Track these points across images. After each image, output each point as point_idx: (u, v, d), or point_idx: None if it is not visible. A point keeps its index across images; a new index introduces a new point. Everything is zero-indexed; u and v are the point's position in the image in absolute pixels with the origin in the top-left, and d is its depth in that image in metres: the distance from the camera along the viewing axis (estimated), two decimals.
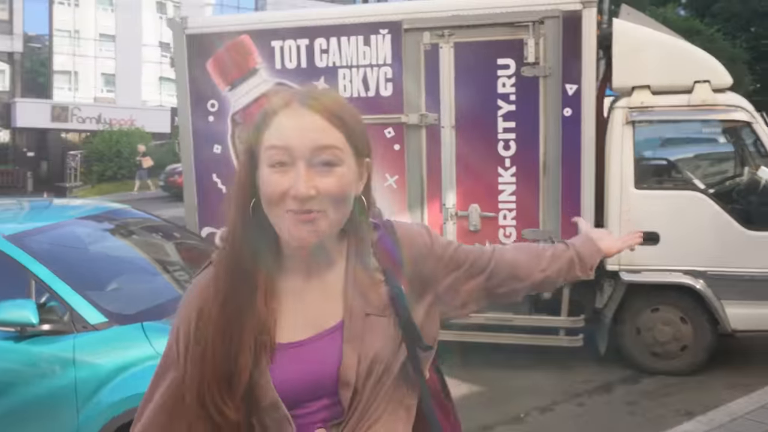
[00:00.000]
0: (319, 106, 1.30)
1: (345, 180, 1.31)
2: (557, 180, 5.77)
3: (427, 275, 1.48)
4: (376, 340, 1.36)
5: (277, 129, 1.29)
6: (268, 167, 1.29)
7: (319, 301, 1.39)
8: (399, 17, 5.94)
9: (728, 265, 5.78)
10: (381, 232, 1.46)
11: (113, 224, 5.03)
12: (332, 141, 1.29)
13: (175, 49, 6.53)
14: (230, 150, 6.48)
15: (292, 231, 1.28)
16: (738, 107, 5.71)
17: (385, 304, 1.39)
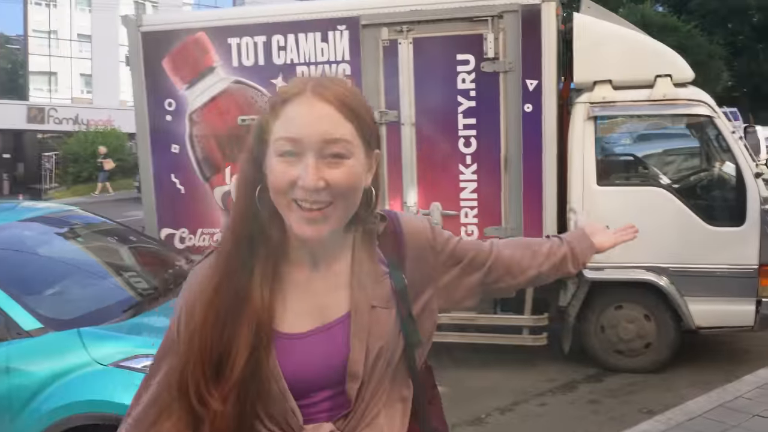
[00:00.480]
0: (331, 96, 1.27)
1: (354, 172, 1.28)
2: (519, 177, 5.69)
3: (428, 270, 1.47)
4: (381, 333, 1.36)
5: (287, 119, 1.27)
6: (277, 156, 1.27)
7: (324, 292, 1.37)
8: (357, 13, 5.83)
9: (691, 261, 5.72)
10: (387, 224, 1.45)
11: (59, 227, 4.90)
12: (343, 133, 1.27)
13: (130, 47, 6.39)
14: (188, 150, 6.36)
15: (298, 227, 1.27)
16: (700, 102, 5.65)
17: (389, 297, 1.39)
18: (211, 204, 6.36)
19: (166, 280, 4.61)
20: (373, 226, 1.43)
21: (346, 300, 1.37)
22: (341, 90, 1.29)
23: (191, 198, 6.41)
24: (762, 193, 5.57)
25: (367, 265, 1.39)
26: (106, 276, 4.58)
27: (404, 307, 1.40)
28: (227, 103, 6.20)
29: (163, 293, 4.31)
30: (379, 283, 1.39)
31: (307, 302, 1.36)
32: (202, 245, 6.44)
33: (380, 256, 1.41)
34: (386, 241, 1.43)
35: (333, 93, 1.28)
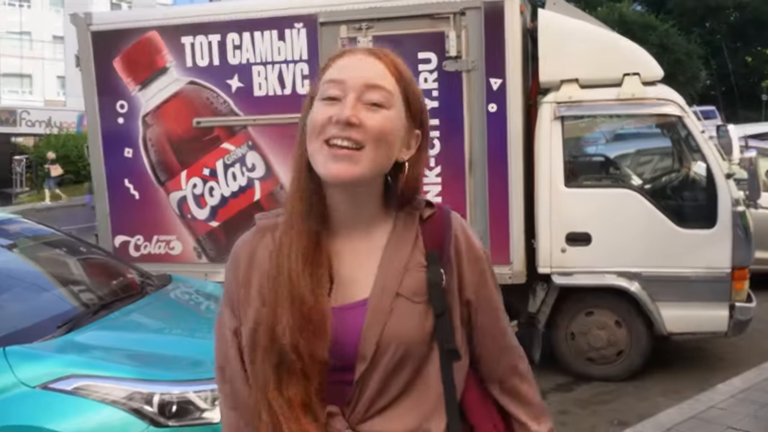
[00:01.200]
0: (381, 54, 1.34)
1: (390, 123, 1.29)
2: (484, 179, 5.49)
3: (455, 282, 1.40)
4: (402, 322, 1.33)
5: (336, 67, 1.32)
6: (320, 100, 1.30)
7: (356, 270, 1.36)
8: (314, 10, 5.60)
9: (663, 265, 5.54)
10: (434, 213, 1.41)
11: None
12: (385, 83, 1.30)
13: (79, 46, 6.12)
14: (142, 153, 6.10)
15: (327, 164, 1.26)
16: (669, 101, 5.48)
17: (422, 291, 1.34)
18: (167, 210, 6.11)
19: (111, 293, 4.37)
20: (417, 210, 1.40)
21: (371, 283, 1.35)
22: (395, 56, 1.36)
23: (146, 204, 6.15)
24: (733, 195, 5.40)
25: (403, 250, 1.36)
26: (43, 290, 4.31)
27: (437, 305, 1.35)
28: (182, 105, 5.95)
29: (107, 306, 4.07)
30: (413, 273, 1.35)
31: (339, 276, 1.35)
32: (157, 252, 6.19)
33: (421, 246, 1.38)
34: (431, 231, 1.39)
35: (384, 53, 1.35)
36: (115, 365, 3.34)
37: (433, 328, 1.35)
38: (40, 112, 32.94)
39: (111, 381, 3.21)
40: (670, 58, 26.73)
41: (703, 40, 34.00)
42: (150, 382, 3.23)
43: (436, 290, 1.35)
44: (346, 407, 1.34)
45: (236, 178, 5.87)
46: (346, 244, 1.38)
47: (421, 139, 1.39)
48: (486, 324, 1.44)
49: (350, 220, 1.37)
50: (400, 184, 1.37)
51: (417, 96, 1.37)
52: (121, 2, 40.11)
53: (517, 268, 5.51)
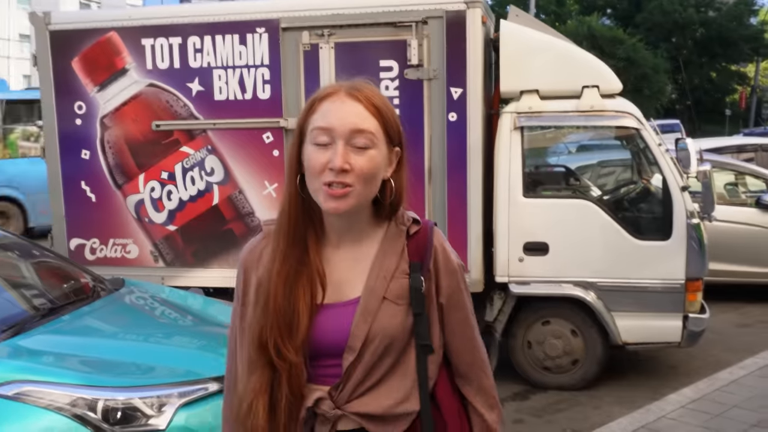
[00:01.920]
0: (361, 96, 1.53)
1: (375, 162, 1.52)
2: (443, 188, 5.50)
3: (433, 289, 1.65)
4: (387, 322, 1.56)
5: (322, 113, 1.52)
6: (312, 145, 1.52)
7: (346, 272, 1.61)
8: (276, 15, 5.58)
9: (618, 276, 5.60)
10: (419, 229, 1.66)
11: None
12: (368, 126, 1.52)
13: (37, 46, 6.02)
14: (99, 155, 6.02)
15: (327, 202, 1.50)
16: (626, 113, 5.54)
17: (404, 295, 1.59)
18: (124, 213, 6.03)
19: (62, 296, 4.30)
20: (404, 226, 1.65)
21: (362, 285, 1.59)
22: (370, 92, 1.56)
23: (102, 207, 6.07)
24: (688, 207, 5.48)
25: (390, 259, 1.60)
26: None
27: (417, 306, 1.59)
28: (141, 108, 5.88)
29: (57, 309, 4.00)
30: (397, 279, 1.59)
31: (330, 277, 1.59)
32: (114, 256, 6.11)
33: (406, 255, 1.61)
34: (415, 244, 1.63)
35: (362, 94, 1.54)
36: (60, 370, 3.29)
37: (413, 326, 1.60)
38: None
39: (54, 387, 3.15)
40: (637, 71, 27.17)
41: (669, 55, 34.62)
42: (95, 388, 3.18)
43: (417, 294, 1.60)
44: (334, 391, 1.58)
45: (195, 182, 5.82)
46: (338, 250, 1.63)
47: (400, 154, 1.62)
48: (457, 325, 1.68)
49: (343, 232, 1.62)
50: (386, 198, 1.61)
51: (394, 121, 1.59)
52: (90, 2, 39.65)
53: (474, 276, 5.54)
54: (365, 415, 1.59)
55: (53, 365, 3.34)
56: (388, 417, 1.60)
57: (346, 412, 1.58)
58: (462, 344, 1.70)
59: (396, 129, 1.59)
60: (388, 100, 1.60)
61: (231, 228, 5.78)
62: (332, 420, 1.59)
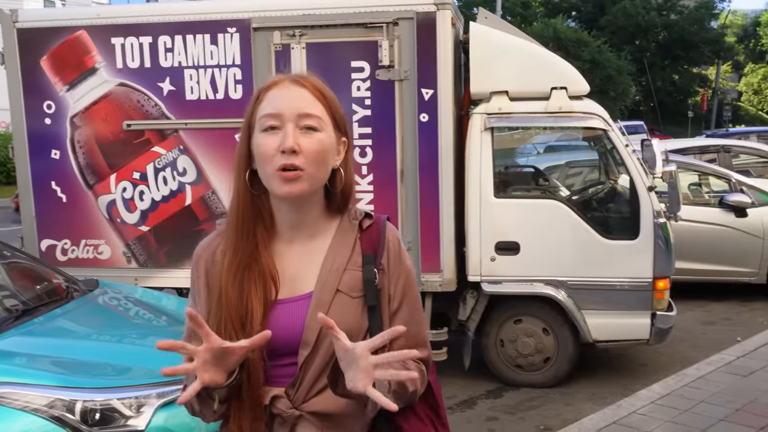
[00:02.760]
0: (306, 82, 1.56)
1: (325, 144, 1.53)
2: (415, 188, 5.55)
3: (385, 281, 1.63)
4: (341, 314, 1.53)
5: (269, 100, 1.54)
6: (262, 132, 1.53)
7: (298, 268, 1.60)
8: (247, 15, 5.57)
9: (588, 274, 5.70)
10: (372, 222, 1.66)
11: None
12: (315, 110, 1.53)
13: (5, 44, 5.94)
14: (70, 155, 5.96)
15: (281, 186, 1.50)
16: (594, 115, 5.64)
17: (358, 287, 1.58)
18: (95, 213, 5.98)
19: (35, 297, 4.26)
20: (356, 220, 1.64)
21: (315, 279, 1.58)
22: (314, 80, 1.58)
23: (73, 207, 6.01)
24: (655, 207, 5.59)
25: (343, 252, 1.60)
26: None
27: (369, 298, 1.58)
28: (112, 107, 5.83)
29: (30, 311, 3.96)
30: (351, 272, 1.59)
31: (284, 273, 1.59)
32: (86, 257, 6.05)
33: (358, 248, 1.61)
34: (368, 237, 1.63)
35: (307, 81, 1.56)
36: (37, 372, 3.27)
37: (367, 319, 1.58)
38: None
39: (31, 388, 3.13)
40: (602, 73, 27.53)
41: (633, 57, 35.09)
42: (72, 389, 3.16)
43: (370, 286, 1.59)
44: (291, 389, 1.56)
45: (167, 182, 5.79)
46: (292, 245, 1.62)
47: (347, 144, 1.64)
48: (406, 317, 1.64)
49: (296, 225, 1.61)
50: (336, 188, 1.61)
51: (340, 110, 1.61)
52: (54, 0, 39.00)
53: (447, 276, 5.59)
54: (323, 414, 1.56)
55: (29, 367, 3.32)
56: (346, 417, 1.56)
57: (303, 412, 1.56)
58: (410, 340, 1.61)
59: (342, 117, 1.61)
60: (331, 90, 1.61)
61: (204, 228, 5.75)
62: (290, 421, 1.56)
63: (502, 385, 6.00)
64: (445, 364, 5.89)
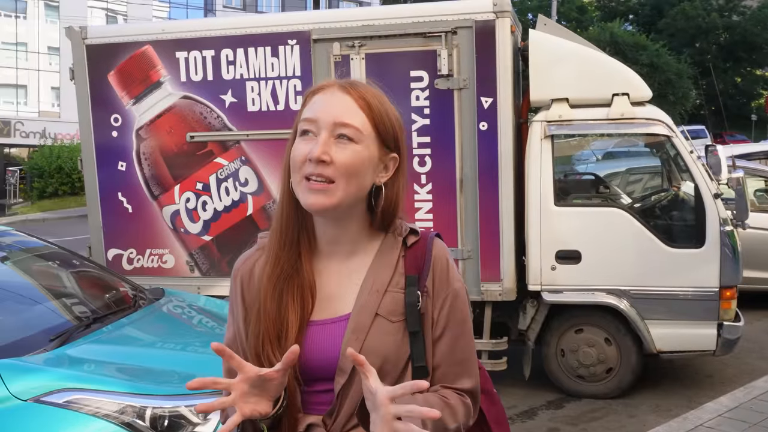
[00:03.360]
0: (352, 90, 1.44)
1: (359, 157, 1.40)
2: (475, 197, 5.53)
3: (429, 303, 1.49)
4: (380, 341, 1.43)
5: (311, 105, 1.45)
6: (298, 137, 1.44)
7: (336, 287, 1.49)
8: (308, 27, 5.65)
9: (651, 284, 5.59)
10: (418, 240, 1.52)
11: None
12: (354, 120, 1.41)
13: (74, 60, 6.15)
14: (136, 167, 6.12)
15: (306, 197, 1.39)
16: (657, 121, 5.54)
17: (399, 311, 1.45)
18: (160, 224, 6.13)
19: (104, 306, 4.38)
20: (400, 237, 1.51)
21: (353, 300, 1.46)
22: (364, 88, 1.46)
23: (139, 217, 6.17)
24: (721, 214, 5.46)
25: (385, 272, 1.48)
26: (36, 302, 4.32)
27: (411, 324, 1.45)
28: (176, 119, 5.98)
29: (99, 319, 4.08)
30: (392, 294, 1.46)
31: (321, 291, 1.48)
32: (150, 266, 6.20)
33: (401, 269, 1.48)
34: (413, 256, 1.50)
35: (355, 88, 1.45)
36: (108, 379, 3.36)
37: (408, 346, 1.45)
38: (35, 123, 32.99)
39: (103, 395, 3.22)
40: (661, 77, 26.98)
41: (693, 60, 34.32)
42: (142, 396, 3.24)
43: (412, 310, 1.46)
44: (328, 418, 1.44)
45: (229, 192, 5.90)
46: (330, 263, 1.51)
47: (399, 161, 1.49)
48: (450, 343, 1.50)
49: (334, 242, 1.50)
50: (378, 206, 1.48)
51: (389, 123, 1.47)
52: (116, 15, 40.11)
53: (507, 285, 5.56)
54: None
55: (100, 373, 3.41)
56: None
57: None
58: (454, 368, 1.50)
59: (391, 131, 1.47)
60: (387, 102, 1.49)
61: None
62: None
63: (563, 395, 5.93)
64: (505, 374, 5.85)
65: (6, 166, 30.47)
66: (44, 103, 38.02)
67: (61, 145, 27.41)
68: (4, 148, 33.25)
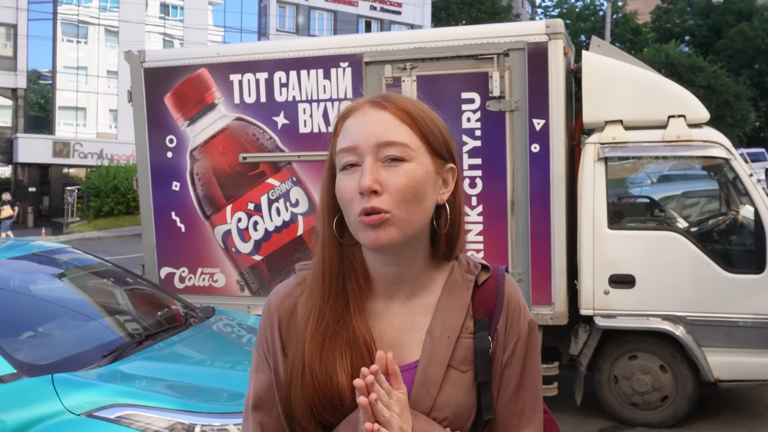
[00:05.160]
0: (388, 104, 1.26)
1: (414, 176, 1.23)
2: (526, 219, 5.47)
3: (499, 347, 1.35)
4: (453, 394, 1.28)
5: (346, 132, 1.27)
6: (341, 172, 1.26)
7: (398, 332, 1.31)
8: (359, 50, 5.70)
9: (709, 310, 5.43)
10: (489, 277, 1.35)
11: (49, 266, 4.76)
12: (399, 137, 1.24)
13: (132, 83, 6.32)
14: (189, 187, 6.23)
15: (365, 235, 1.23)
16: (715, 143, 5.41)
17: (468, 359, 1.30)
18: (212, 243, 6.21)
19: (156, 323, 4.45)
20: (471, 275, 1.34)
21: (419, 346, 1.30)
22: (400, 99, 1.28)
23: (191, 236, 6.27)
24: None
25: (456, 317, 1.31)
26: (90, 318, 4.41)
27: (481, 373, 1.30)
28: (229, 141, 6.07)
29: (151, 336, 4.14)
30: (461, 340, 1.30)
31: (381, 338, 1.30)
32: (201, 285, 6.28)
33: (471, 311, 1.32)
34: (482, 296, 1.33)
35: (390, 101, 1.27)
36: (158, 395, 3.40)
37: (477, 397, 1.31)
38: (93, 144, 33.96)
39: (153, 411, 3.26)
40: (719, 99, 26.48)
41: (752, 81, 33.55)
42: (191, 414, 3.27)
43: (483, 358, 1.30)
44: None
45: (280, 213, 5.95)
46: (390, 303, 1.33)
47: (456, 172, 1.33)
48: (517, 389, 1.35)
49: (397, 282, 1.32)
50: (442, 229, 1.30)
51: (438, 130, 1.29)
52: (173, 39, 41.11)
53: (558, 309, 5.46)
54: None
55: (151, 390, 3.45)
56: None
57: None
58: (517, 417, 1.35)
59: (441, 139, 1.29)
60: (429, 109, 1.31)
61: None
62: None
63: (616, 423, 5.78)
64: (556, 399, 5.72)
65: (64, 186, 31.42)
66: (102, 125, 39.04)
67: (117, 165, 28.13)
68: (64, 169, 34.28)
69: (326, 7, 40.97)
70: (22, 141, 32.85)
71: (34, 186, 33.32)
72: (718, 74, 28.01)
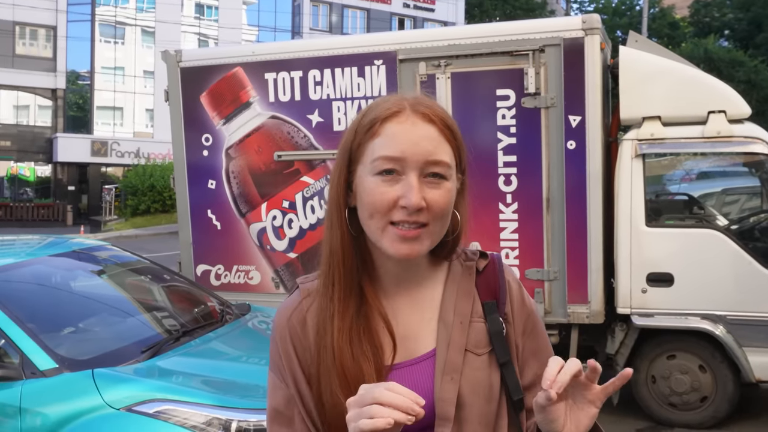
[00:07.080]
0: (434, 116, 1.26)
1: (450, 195, 1.26)
2: (562, 217, 5.42)
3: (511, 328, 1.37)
4: (475, 378, 1.29)
5: (390, 138, 1.24)
6: (374, 176, 1.24)
7: (408, 324, 1.33)
8: (394, 47, 5.70)
9: (750, 309, 5.33)
10: (488, 263, 1.39)
11: (88, 263, 4.84)
12: (444, 156, 1.25)
13: (169, 82, 6.39)
14: (224, 185, 6.28)
15: (395, 245, 1.23)
16: (757, 139, 5.31)
17: (483, 342, 1.32)
18: (247, 241, 6.26)
19: (193, 320, 4.50)
20: (471, 262, 1.38)
21: (433, 336, 1.31)
22: (441, 111, 1.28)
23: (227, 234, 6.32)
24: None
25: (465, 302, 1.34)
26: (129, 314, 4.48)
27: (500, 354, 1.31)
28: (264, 139, 6.11)
29: (188, 333, 4.19)
30: (473, 324, 1.32)
31: (396, 331, 1.30)
32: (237, 282, 6.33)
33: (476, 295, 1.35)
34: (485, 281, 1.37)
35: (435, 113, 1.26)
36: (195, 391, 3.44)
37: (501, 379, 1.32)
38: (129, 143, 34.47)
39: (191, 406, 3.30)
40: (759, 94, 25.92)
41: None
42: (228, 409, 3.30)
43: (499, 339, 1.32)
44: None
45: (314, 210, 5.98)
46: (397, 298, 1.34)
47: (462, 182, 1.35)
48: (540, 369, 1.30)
49: (404, 281, 1.35)
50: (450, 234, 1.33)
51: (464, 147, 1.32)
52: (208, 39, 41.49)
53: (594, 307, 5.40)
54: None
55: (188, 385, 3.49)
56: None
57: None
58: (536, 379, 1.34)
59: (465, 155, 1.32)
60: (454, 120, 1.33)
61: None
62: None
63: (654, 423, 5.70)
64: None
65: (102, 185, 31.94)
66: (139, 124, 39.57)
67: (154, 164, 28.52)
68: (101, 167, 34.84)
69: (359, 5, 41.02)
70: (62, 140, 33.48)
71: (73, 185, 33.93)
72: (759, 69, 27.42)
